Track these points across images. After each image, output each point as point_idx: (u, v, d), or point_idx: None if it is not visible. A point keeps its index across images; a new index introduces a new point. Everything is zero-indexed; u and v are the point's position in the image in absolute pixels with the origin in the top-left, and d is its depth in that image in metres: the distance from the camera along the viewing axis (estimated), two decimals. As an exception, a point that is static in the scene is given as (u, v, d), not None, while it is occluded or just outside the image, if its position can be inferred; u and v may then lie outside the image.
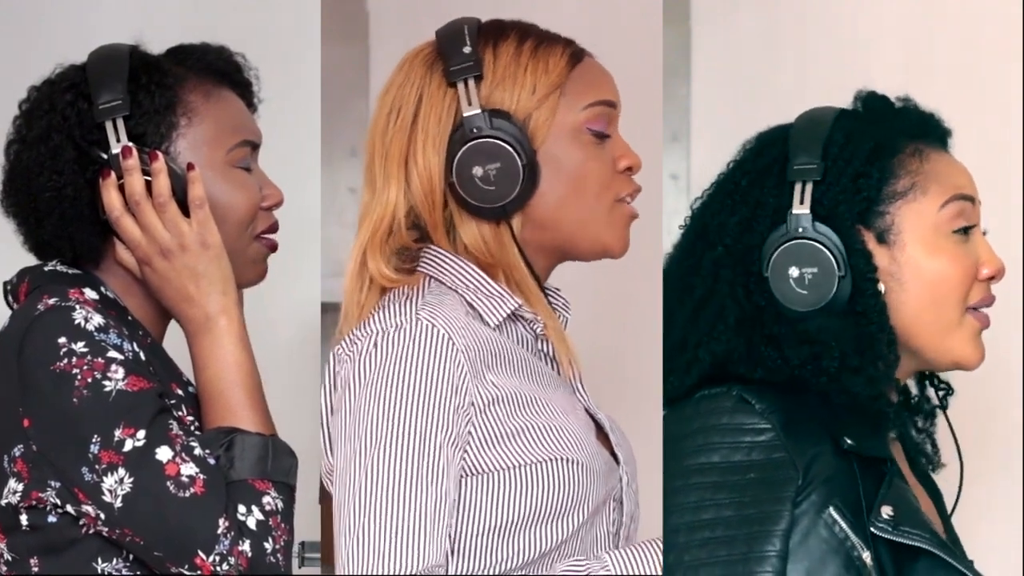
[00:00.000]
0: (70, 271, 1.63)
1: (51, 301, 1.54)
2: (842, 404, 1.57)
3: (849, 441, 1.54)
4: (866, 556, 1.51)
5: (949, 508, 1.73)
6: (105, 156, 1.59)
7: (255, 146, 1.69)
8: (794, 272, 1.57)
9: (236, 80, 1.70)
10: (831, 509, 1.51)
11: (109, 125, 1.59)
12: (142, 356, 1.57)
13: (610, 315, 2.41)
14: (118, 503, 1.50)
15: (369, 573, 1.44)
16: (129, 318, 1.62)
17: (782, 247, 1.58)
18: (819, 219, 1.57)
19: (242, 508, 1.52)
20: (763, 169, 1.61)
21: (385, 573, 1.43)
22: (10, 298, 1.64)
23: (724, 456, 1.53)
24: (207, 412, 1.59)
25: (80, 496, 1.51)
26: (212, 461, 1.52)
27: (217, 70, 1.68)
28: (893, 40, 2.40)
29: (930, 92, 1.67)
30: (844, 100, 1.67)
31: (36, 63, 1.67)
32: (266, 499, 1.53)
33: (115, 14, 2.48)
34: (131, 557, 1.55)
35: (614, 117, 1.62)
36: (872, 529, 1.51)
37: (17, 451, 1.53)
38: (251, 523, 1.51)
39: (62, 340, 1.51)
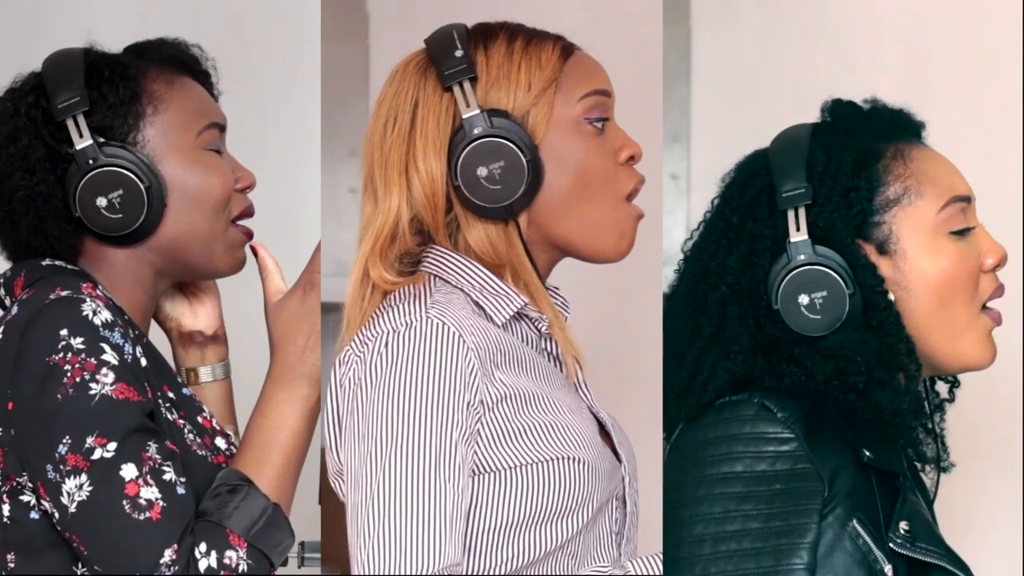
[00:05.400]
0: (68, 266, 1.62)
1: (64, 293, 1.54)
2: (865, 418, 1.56)
3: (868, 454, 1.53)
4: (888, 570, 1.49)
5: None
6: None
7: (222, 128, 1.69)
8: (804, 300, 1.56)
9: (195, 70, 1.71)
10: (855, 522, 1.49)
11: (70, 122, 1.60)
12: (142, 362, 1.55)
13: (610, 315, 2.41)
14: (72, 508, 1.49)
15: (389, 573, 1.43)
16: (126, 316, 1.61)
17: (787, 277, 1.56)
18: (817, 241, 1.56)
19: (203, 547, 1.50)
20: (751, 202, 1.60)
21: (406, 573, 1.42)
22: (3, 291, 1.63)
23: (748, 466, 1.52)
24: (242, 450, 1.59)
25: (41, 491, 1.51)
26: (182, 491, 1.51)
27: (176, 61, 1.69)
28: (893, 40, 2.40)
29: (930, 92, 1.67)
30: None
31: (36, 63, 1.67)
32: (230, 553, 1.51)
33: (115, 14, 2.48)
34: None
35: (610, 106, 1.61)
36: (890, 544, 1.50)
37: None
38: (202, 565, 1.49)
39: (63, 332, 1.51)
